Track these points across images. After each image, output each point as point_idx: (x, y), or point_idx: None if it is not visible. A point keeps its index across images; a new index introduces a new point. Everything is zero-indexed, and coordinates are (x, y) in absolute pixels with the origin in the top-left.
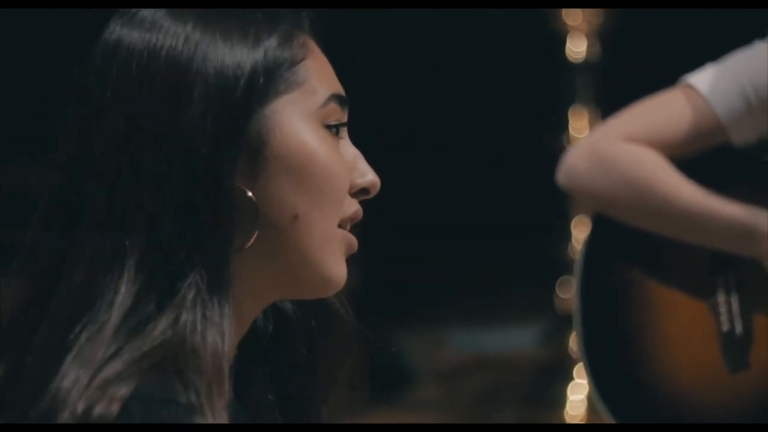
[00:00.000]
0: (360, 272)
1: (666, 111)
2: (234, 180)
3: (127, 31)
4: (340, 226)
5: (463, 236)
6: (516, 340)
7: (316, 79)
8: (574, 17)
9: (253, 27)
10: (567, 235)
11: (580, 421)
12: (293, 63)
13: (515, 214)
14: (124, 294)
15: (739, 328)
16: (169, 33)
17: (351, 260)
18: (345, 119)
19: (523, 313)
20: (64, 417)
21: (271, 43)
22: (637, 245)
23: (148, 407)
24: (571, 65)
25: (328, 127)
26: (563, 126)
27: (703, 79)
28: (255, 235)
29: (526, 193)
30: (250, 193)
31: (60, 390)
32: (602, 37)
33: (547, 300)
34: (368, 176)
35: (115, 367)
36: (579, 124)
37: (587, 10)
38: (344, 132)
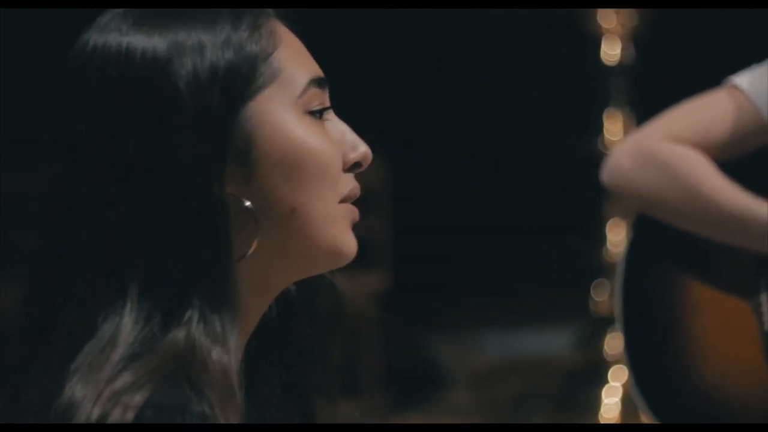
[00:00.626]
0: (394, 275)
1: (711, 112)
2: (226, 189)
3: (91, 55)
4: (340, 202)
5: (497, 239)
6: (550, 343)
7: (292, 67)
8: (608, 20)
9: (219, 26)
10: (602, 238)
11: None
12: (266, 55)
13: (550, 216)
14: (126, 320)
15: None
16: (137, 52)
17: (383, 263)
18: (327, 102)
19: (557, 316)
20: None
21: (240, 38)
22: (679, 245)
23: (161, 415)
24: (606, 68)
25: (312, 112)
26: (598, 129)
27: (748, 80)
28: (256, 241)
29: (560, 196)
30: (248, 203)
31: (73, 399)
32: (636, 40)
33: (581, 303)
34: (359, 149)
35: (126, 379)
36: (614, 127)
37: (621, 13)
38: (329, 112)
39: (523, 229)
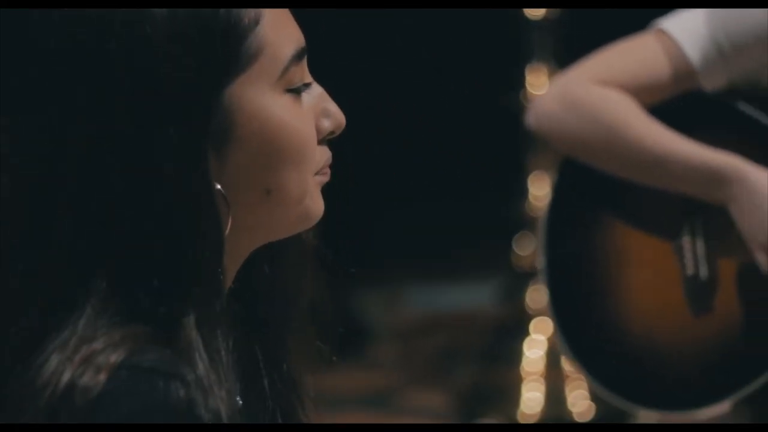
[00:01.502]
0: (317, 232)
1: (637, 55)
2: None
3: (71, 47)
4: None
5: (419, 195)
6: (473, 297)
7: (275, 42)
8: None
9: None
10: (524, 192)
11: (537, 377)
12: (246, 34)
13: (472, 170)
14: (103, 294)
15: (703, 272)
16: (122, 45)
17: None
18: (307, 75)
19: (480, 270)
20: (47, 393)
21: (220, 21)
22: (604, 189)
23: (136, 376)
24: (530, 22)
25: (292, 90)
26: (521, 83)
27: (675, 24)
28: (230, 224)
29: (483, 151)
30: (218, 186)
31: (45, 364)
32: None
33: (504, 257)
34: (333, 117)
35: (103, 339)
36: (537, 81)
37: None
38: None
39: (445, 185)
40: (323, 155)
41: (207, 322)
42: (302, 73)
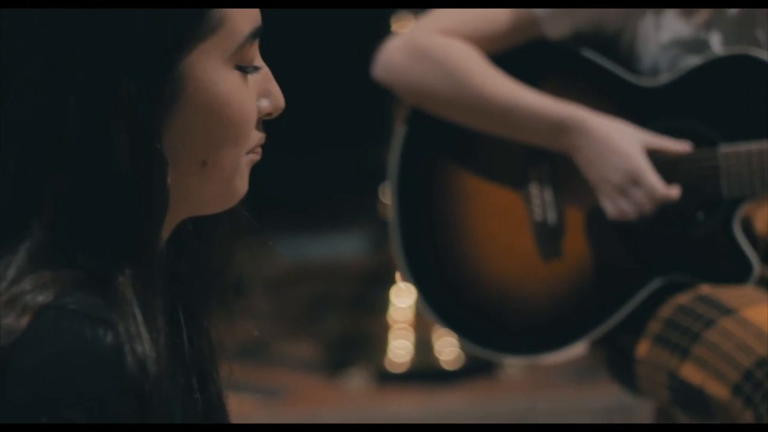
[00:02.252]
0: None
1: (481, 7)
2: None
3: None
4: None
5: (287, 146)
6: (342, 247)
7: (235, 18)
8: None
9: None
10: (389, 141)
11: (405, 326)
12: (207, 8)
13: (340, 121)
14: (39, 241)
15: (551, 218)
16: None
17: None
18: (258, 58)
19: (348, 220)
20: None
21: None
22: (452, 139)
23: (62, 318)
24: None
25: (241, 67)
26: (387, 33)
27: None
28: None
29: (350, 100)
30: (158, 145)
31: None
32: None
33: (372, 206)
34: (274, 99)
35: (35, 281)
36: (403, 30)
37: None
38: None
39: (312, 135)
40: (258, 135)
41: (142, 279)
42: (254, 52)
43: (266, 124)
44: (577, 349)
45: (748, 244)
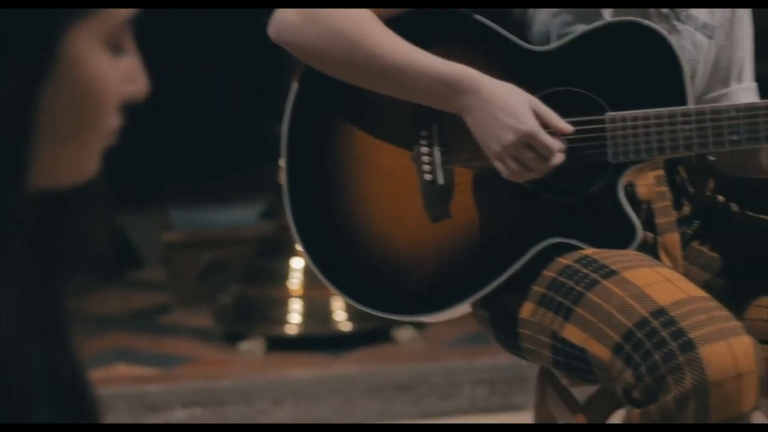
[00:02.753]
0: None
1: None
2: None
3: None
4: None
5: (185, 118)
6: (240, 217)
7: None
8: None
9: None
10: None
11: (302, 293)
12: None
13: (239, 93)
14: None
15: (440, 178)
16: None
17: None
18: (130, 41)
19: (248, 190)
20: None
21: None
22: (344, 98)
23: None
24: None
25: (114, 49)
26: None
27: None
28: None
29: (249, 71)
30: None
31: None
32: None
33: (272, 176)
34: (138, 85)
35: None
36: None
37: None
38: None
39: (211, 107)
40: (116, 118)
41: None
42: (127, 36)
43: (168, 96)
44: (463, 310)
45: (631, 209)
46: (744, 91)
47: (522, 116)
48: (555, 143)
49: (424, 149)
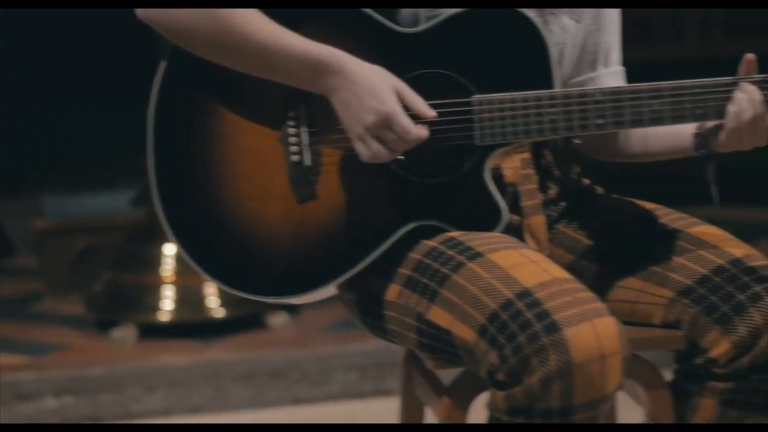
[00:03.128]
0: None
1: None
2: None
3: None
4: None
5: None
6: (112, 204)
7: None
8: None
9: None
10: None
11: (174, 280)
12: None
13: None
14: None
15: (307, 159)
16: None
17: None
18: None
19: (120, 176)
20: None
21: None
22: (212, 78)
23: None
24: None
25: None
26: None
27: None
28: None
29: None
30: None
31: None
32: None
33: (144, 161)
34: None
35: None
36: None
37: None
38: None
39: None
40: None
41: None
42: None
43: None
44: (330, 292)
45: (497, 192)
46: (611, 76)
47: (384, 98)
48: (413, 126)
49: (292, 130)
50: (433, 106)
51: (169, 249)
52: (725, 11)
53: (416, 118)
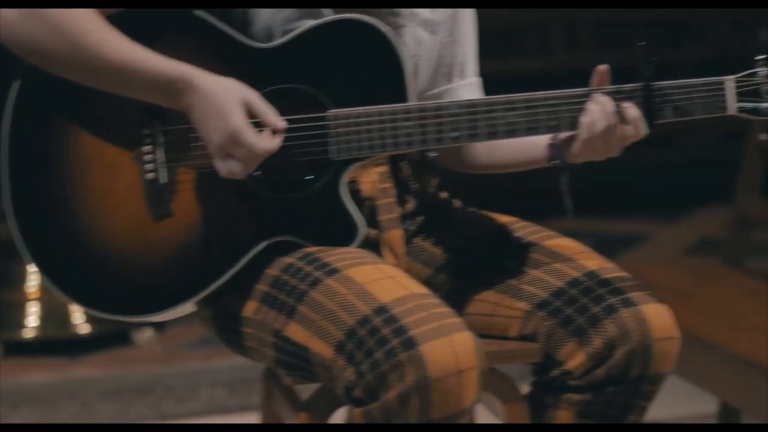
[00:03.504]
0: None
1: None
2: None
3: None
4: None
5: None
6: None
7: None
8: None
9: None
10: None
11: (41, 296)
12: None
13: None
14: None
15: (163, 177)
16: None
17: None
18: None
19: None
20: None
21: None
22: (67, 96)
23: None
24: None
25: None
26: None
27: None
28: None
29: None
30: None
31: None
32: None
33: None
34: None
35: None
36: None
37: None
38: None
39: None
40: None
41: None
42: None
43: None
44: (187, 309)
45: (354, 206)
46: (467, 87)
47: (228, 115)
48: (259, 140)
49: (147, 148)
50: (288, 122)
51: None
52: (594, 23)
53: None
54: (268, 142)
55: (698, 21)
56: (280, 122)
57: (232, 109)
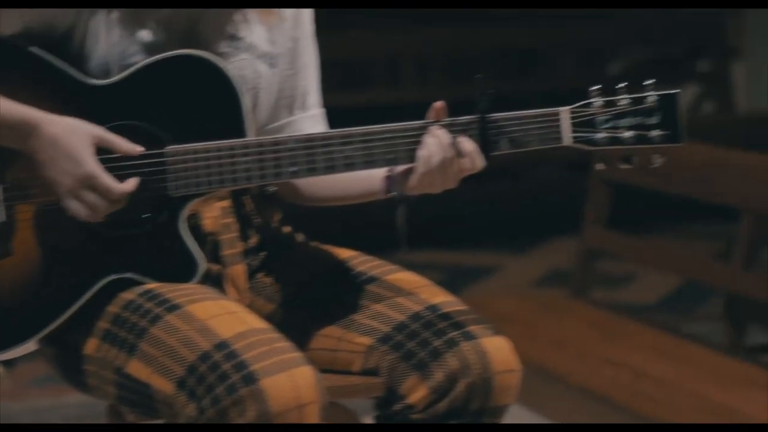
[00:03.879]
0: None
1: None
2: None
3: None
4: None
5: None
6: None
7: None
8: None
9: None
10: None
11: None
12: None
13: None
14: None
15: (2, 216)
16: None
17: None
18: None
19: None
20: None
21: None
22: None
23: None
24: None
25: None
26: None
27: None
28: None
29: None
30: None
31: None
32: None
33: None
34: None
35: None
36: None
37: None
38: None
39: None
40: None
41: None
42: None
43: None
44: (29, 348)
45: (194, 242)
46: (309, 119)
47: (80, 159)
48: (115, 184)
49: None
50: (127, 159)
51: None
52: (442, 57)
53: (115, 171)
54: (124, 185)
55: (547, 53)
56: (137, 147)
57: (82, 152)
